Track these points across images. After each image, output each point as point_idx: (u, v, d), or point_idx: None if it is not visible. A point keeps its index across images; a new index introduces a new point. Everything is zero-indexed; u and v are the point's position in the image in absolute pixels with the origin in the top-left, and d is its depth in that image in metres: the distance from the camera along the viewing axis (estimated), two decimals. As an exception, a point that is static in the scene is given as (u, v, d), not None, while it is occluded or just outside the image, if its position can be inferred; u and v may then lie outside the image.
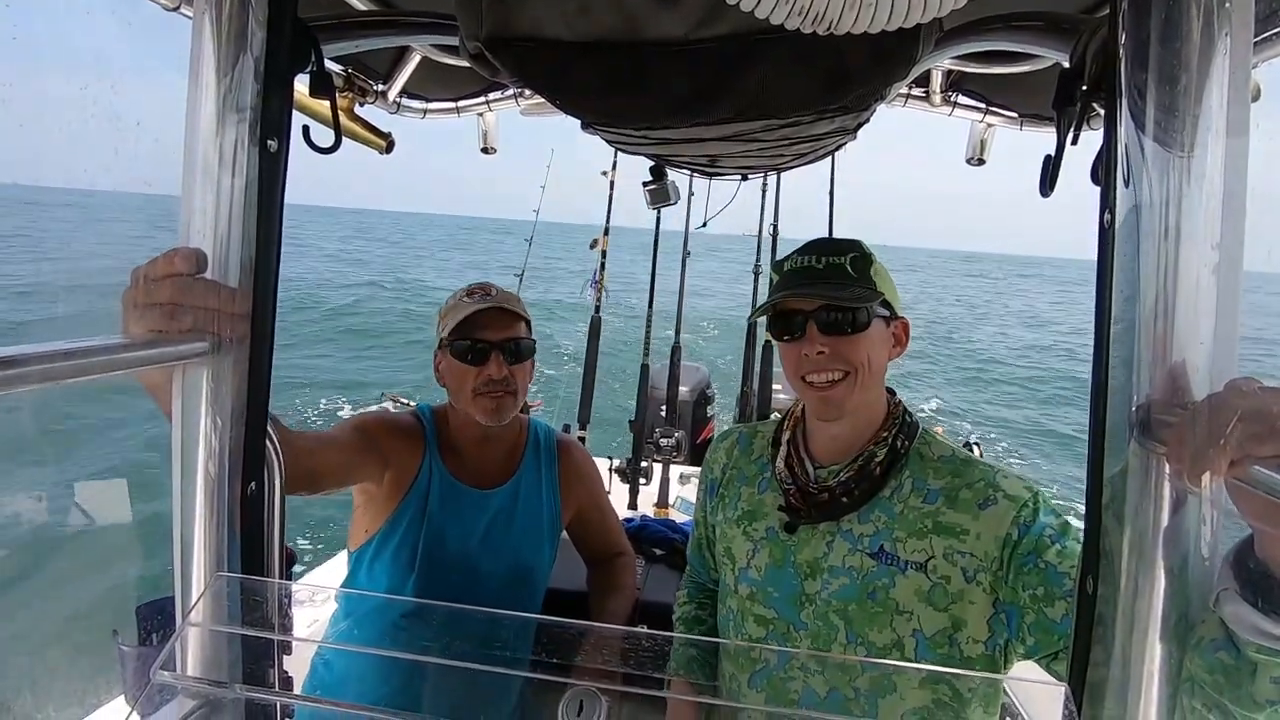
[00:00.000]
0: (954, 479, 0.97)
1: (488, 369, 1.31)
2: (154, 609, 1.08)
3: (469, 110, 1.62)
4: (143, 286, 0.65)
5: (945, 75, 1.44)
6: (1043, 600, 0.85)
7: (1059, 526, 0.90)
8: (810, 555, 1.02)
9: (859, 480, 1.00)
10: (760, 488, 1.12)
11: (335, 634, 1.40)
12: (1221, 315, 0.53)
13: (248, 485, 0.73)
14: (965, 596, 0.92)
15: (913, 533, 0.95)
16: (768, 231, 3.98)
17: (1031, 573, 0.87)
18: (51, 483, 5.42)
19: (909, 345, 1.08)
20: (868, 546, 0.97)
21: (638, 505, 2.98)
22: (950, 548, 0.93)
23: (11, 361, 0.50)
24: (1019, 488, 0.94)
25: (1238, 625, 0.51)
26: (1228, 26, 0.52)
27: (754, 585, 1.06)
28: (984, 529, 0.92)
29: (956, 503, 0.95)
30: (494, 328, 1.33)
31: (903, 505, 0.98)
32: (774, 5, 0.52)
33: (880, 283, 1.02)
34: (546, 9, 0.71)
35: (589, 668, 0.68)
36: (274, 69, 0.70)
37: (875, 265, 1.03)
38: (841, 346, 0.99)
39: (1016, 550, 0.89)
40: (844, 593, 0.97)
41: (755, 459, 1.16)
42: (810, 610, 1.00)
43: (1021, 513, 0.91)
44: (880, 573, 0.96)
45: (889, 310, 1.03)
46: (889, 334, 1.03)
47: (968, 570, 0.91)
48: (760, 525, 1.08)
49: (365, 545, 1.34)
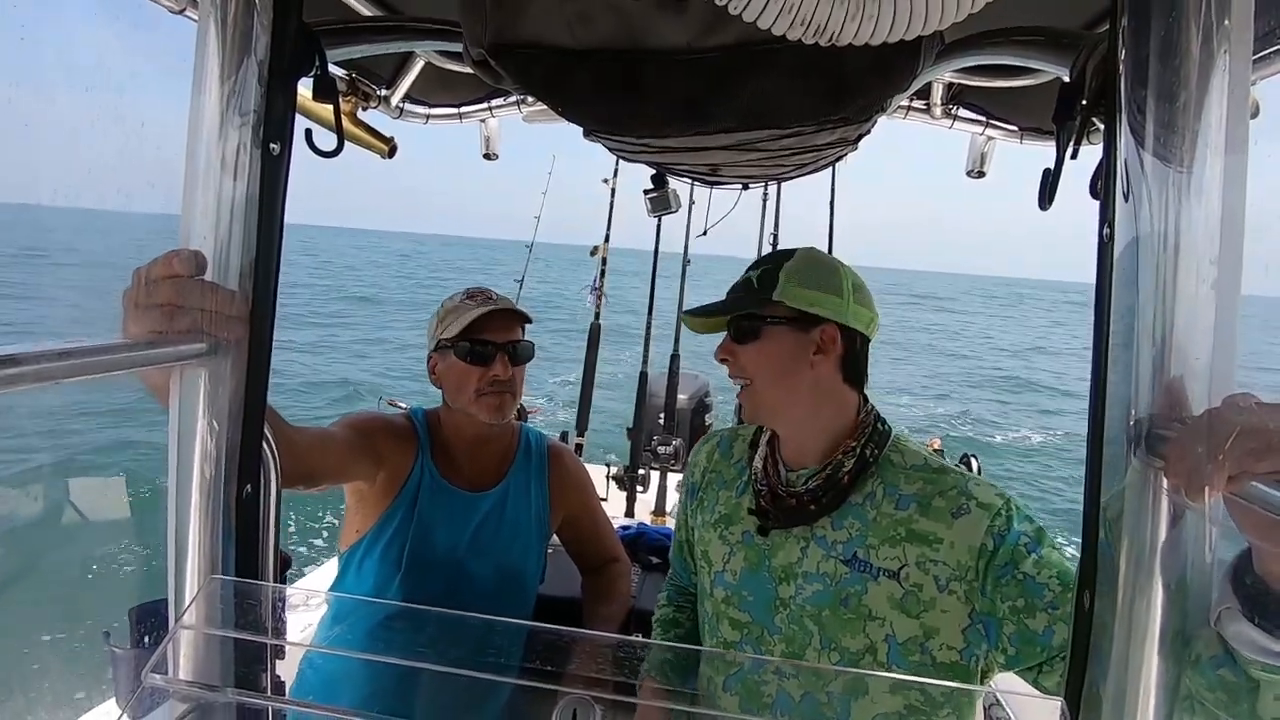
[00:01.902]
0: (927, 486, 0.97)
1: (493, 369, 1.34)
2: (147, 611, 1.08)
3: (471, 116, 1.62)
4: (142, 288, 0.66)
5: (946, 88, 1.45)
6: (1023, 611, 0.85)
7: (1034, 534, 0.90)
8: (785, 560, 1.02)
9: (826, 488, 1.01)
10: (737, 491, 1.13)
11: (325, 637, 1.40)
12: (1220, 331, 0.53)
13: (243, 488, 0.72)
14: (938, 605, 0.92)
15: (886, 539, 0.96)
16: (768, 243, 3.98)
17: (1010, 584, 0.87)
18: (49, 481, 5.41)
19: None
20: (841, 553, 0.98)
21: (634, 513, 2.97)
22: (923, 556, 0.93)
23: (11, 360, 0.50)
24: (991, 495, 0.94)
25: (1239, 643, 0.50)
26: (1227, 44, 0.52)
27: (729, 589, 1.07)
28: (957, 538, 0.92)
29: (929, 510, 0.95)
30: (498, 329, 1.35)
31: (876, 511, 0.98)
32: (776, 15, 0.52)
33: (793, 292, 1.01)
34: (549, 16, 0.72)
35: (581, 675, 0.67)
36: (278, 72, 0.70)
37: (797, 274, 1.03)
38: (739, 355, 1.06)
39: (993, 561, 0.89)
40: (817, 598, 0.98)
41: (734, 462, 1.18)
42: (784, 615, 1.01)
43: (995, 521, 0.91)
44: (853, 579, 0.96)
45: (807, 318, 1.02)
46: (805, 341, 1.02)
47: (940, 579, 0.92)
48: (736, 529, 1.09)
49: (356, 545, 1.35)
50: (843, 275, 1.05)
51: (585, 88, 0.78)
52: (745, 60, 0.72)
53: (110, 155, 5.00)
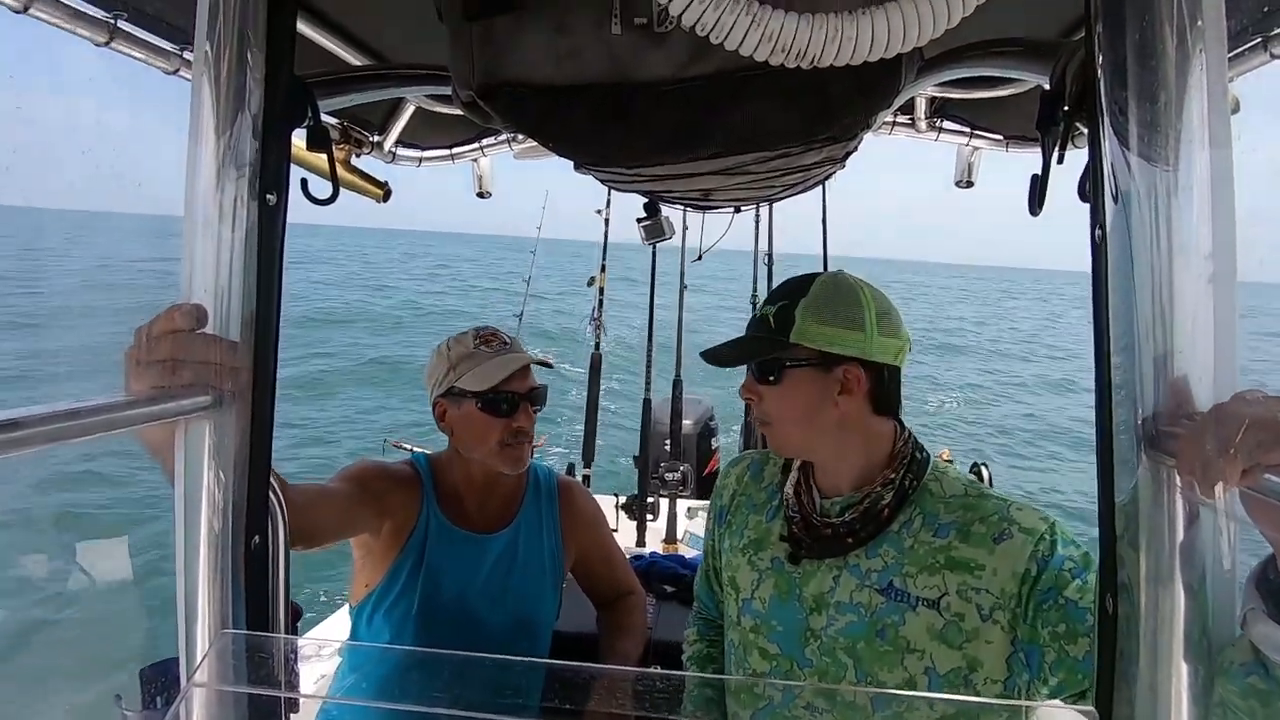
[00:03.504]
0: (966, 513, 0.94)
1: (517, 420, 1.30)
2: (159, 670, 1.06)
3: (463, 156, 1.65)
4: (144, 344, 0.66)
5: (929, 102, 1.47)
6: (1064, 638, 0.82)
7: (1080, 559, 0.87)
8: (816, 589, 0.98)
9: (864, 521, 0.97)
10: (768, 516, 1.09)
11: (339, 688, 1.37)
12: (1219, 324, 0.53)
13: (251, 539, 0.72)
14: (981, 635, 0.88)
15: (924, 568, 0.92)
16: (763, 261, 4.01)
17: (1051, 609, 0.84)
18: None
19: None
20: (876, 582, 0.94)
21: (645, 542, 2.94)
22: (964, 584, 0.89)
23: (15, 424, 0.50)
24: (1034, 519, 0.90)
25: (1266, 645, 0.49)
26: (1202, 43, 0.53)
27: (758, 618, 1.03)
28: (1000, 564, 0.88)
29: (970, 537, 0.91)
30: (519, 378, 1.32)
31: (913, 540, 0.95)
32: (757, 43, 0.53)
33: (811, 331, 0.96)
34: (536, 54, 0.73)
35: (603, 712, 0.66)
36: (271, 124, 0.72)
37: (814, 310, 0.97)
38: (763, 396, 1.03)
39: (1036, 586, 0.86)
40: (852, 630, 0.94)
41: (765, 486, 1.14)
42: (815, 646, 0.97)
43: (1039, 546, 0.87)
44: (890, 609, 0.92)
45: (834, 358, 0.97)
46: (828, 381, 0.97)
47: (983, 607, 0.88)
48: (766, 555, 1.05)
49: (365, 600, 1.32)
50: (865, 305, 0.98)
51: (574, 122, 0.80)
52: (730, 87, 0.73)
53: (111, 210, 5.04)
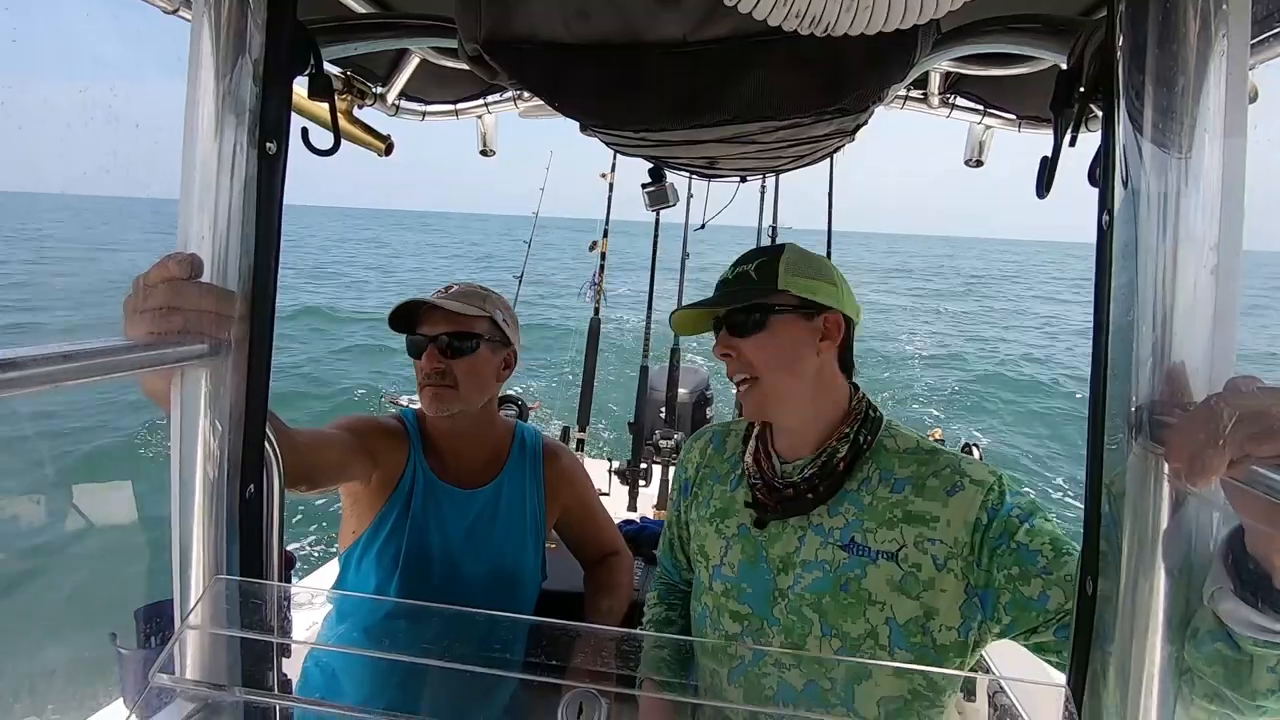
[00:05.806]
0: (920, 468, 0.99)
1: (428, 362, 1.35)
2: (153, 611, 1.08)
3: (467, 113, 1.62)
4: (140, 292, 0.66)
5: (943, 77, 1.44)
6: (1018, 579, 0.87)
7: (1026, 506, 0.92)
8: (782, 550, 1.03)
9: (822, 476, 1.02)
10: (732, 485, 1.13)
11: (329, 635, 1.40)
12: (1220, 315, 0.53)
13: (246, 488, 0.73)
14: (937, 584, 0.93)
15: (883, 523, 0.97)
16: (766, 233, 3.97)
17: (1005, 554, 0.89)
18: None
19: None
20: (838, 539, 0.99)
21: (637, 507, 2.98)
22: (921, 535, 0.94)
23: (12, 364, 0.50)
24: (984, 472, 0.95)
25: (1233, 621, 0.51)
26: (1225, 28, 0.52)
27: (728, 582, 1.08)
28: (953, 515, 0.93)
29: (924, 490, 0.96)
30: (430, 323, 1.36)
31: (871, 496, 0.99)
32: (772, 7, 0.52)
33: (794, 282, 1.02)
34: (545, 11, 0.71)
35: (586, 669, 0.68)
36: (273, 71, 0.70)
37: (793, 265, 1.03)
38: (743, 349, 1.04)
39: (988, 534, 0.91)
40: (817, 586, 0.99)
41: (727, 456, 1.18)
42: (783, 605, 1.01)
43: (989, 496, 0.92)
44: (852, 564, 0.97)
45: (811, 306, 1.03)
46: (811, 329, 1.03)
47: (938, 558, 0.93)
48: (732, 522, 1.10)
49: (353, 546, 1.36)
50: (832, 267, 1.07)
51: (581, 82, 0.78)
52: (743, 52, 0.72)
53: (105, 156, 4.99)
